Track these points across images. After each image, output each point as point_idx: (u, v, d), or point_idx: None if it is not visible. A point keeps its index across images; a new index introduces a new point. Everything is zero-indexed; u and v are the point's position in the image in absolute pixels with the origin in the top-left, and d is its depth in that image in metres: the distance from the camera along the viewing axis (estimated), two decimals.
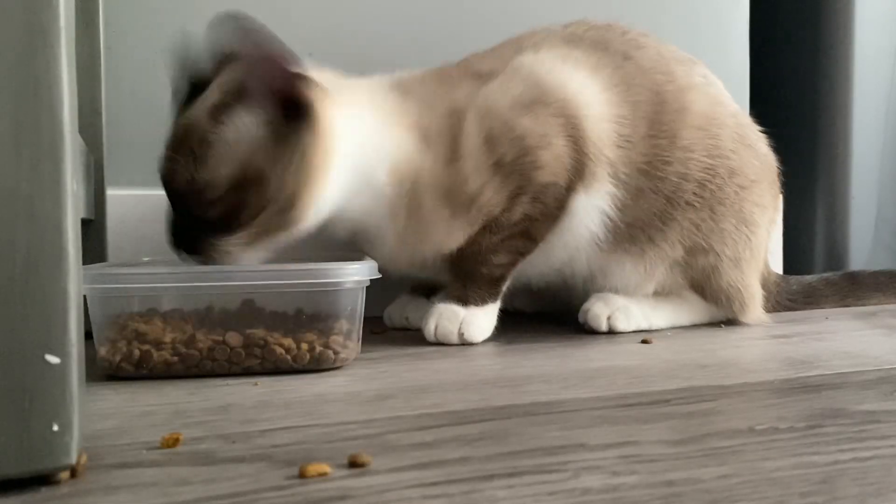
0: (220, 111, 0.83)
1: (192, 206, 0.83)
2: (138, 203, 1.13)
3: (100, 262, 1.02)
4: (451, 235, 0.95)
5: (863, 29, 1.51)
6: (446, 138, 0.94)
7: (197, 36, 0.89)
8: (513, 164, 0.94)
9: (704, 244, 1.02)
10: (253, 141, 0.83)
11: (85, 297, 0.73)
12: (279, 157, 0.83)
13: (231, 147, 0.82)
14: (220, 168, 0.82)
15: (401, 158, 0.92)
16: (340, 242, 0.99)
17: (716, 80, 1.09)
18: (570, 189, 0.96)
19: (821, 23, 1.54)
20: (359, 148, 0.90)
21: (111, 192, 1.08)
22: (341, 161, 0.88)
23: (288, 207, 0.84)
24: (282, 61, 0.83)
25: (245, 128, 0.83)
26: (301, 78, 0.85)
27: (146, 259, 1.02)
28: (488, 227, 0.95)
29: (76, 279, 0.45)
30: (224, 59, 0.87)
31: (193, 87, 0.89)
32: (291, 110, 0.84)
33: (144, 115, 1.14)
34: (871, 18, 1.51)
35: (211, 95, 0.85)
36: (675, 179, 1.00)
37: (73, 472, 0.47)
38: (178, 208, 0.85)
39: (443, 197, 0.93)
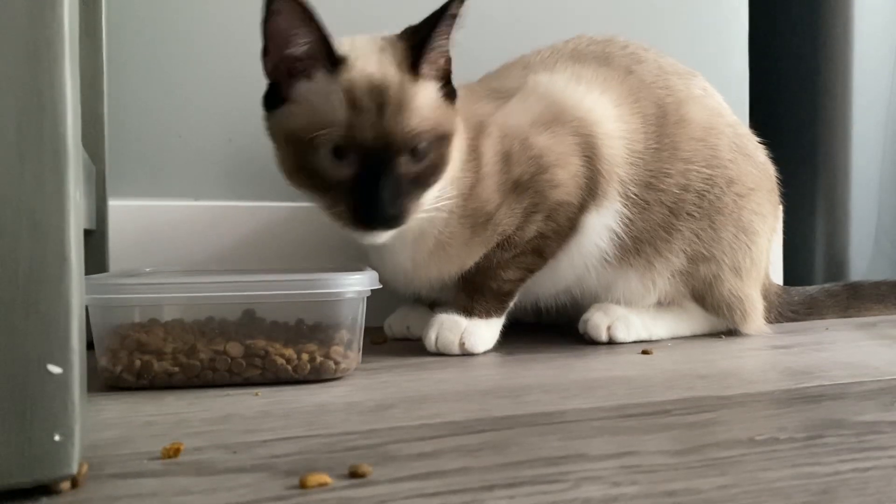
0: (413, 66, 0.86)
1: (399, 157, 0.85)
2: (140, 213, 1.13)
3: (101, 272, 1.02)
4: (470, 255, 0.96)
5: (861, 40, 1.51)
6: (475, 158, 0.95)
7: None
8: (530, 181, 0.95)
9: (705, 252, 1.02)
10: (439, 103, 0.88)
11: (86, 307, 0.73)
12: (453, 127, 0.89)
13: (425, 101, 0.86)
14: (426, 121, 0.85)
15: (445, 187, 0.92)
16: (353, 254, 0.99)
17: (715, 91, 1.10)
18: (582, 208, 0.97)
19: (820, 34, 1.54)
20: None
21: (113, 203, 1.08)
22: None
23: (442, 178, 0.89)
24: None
25: (433, 88, 0.88)
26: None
27: (147, 269, 1.02)
28: (501, 244, 0.96)
29: (78, 289, 0.45)
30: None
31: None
32: (449, 95, 0.90)
33: (146, 126, 1.14)
34: (869, 30, 1.52)
35: (386, 52, 0.87)
36: (677, 191, 1.00)
37: (75, 482, 0.47)
38: (378, 164, 0.84)
39: (466, 219, 0.94)
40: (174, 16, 1.16)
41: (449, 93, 0.89)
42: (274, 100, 0.86)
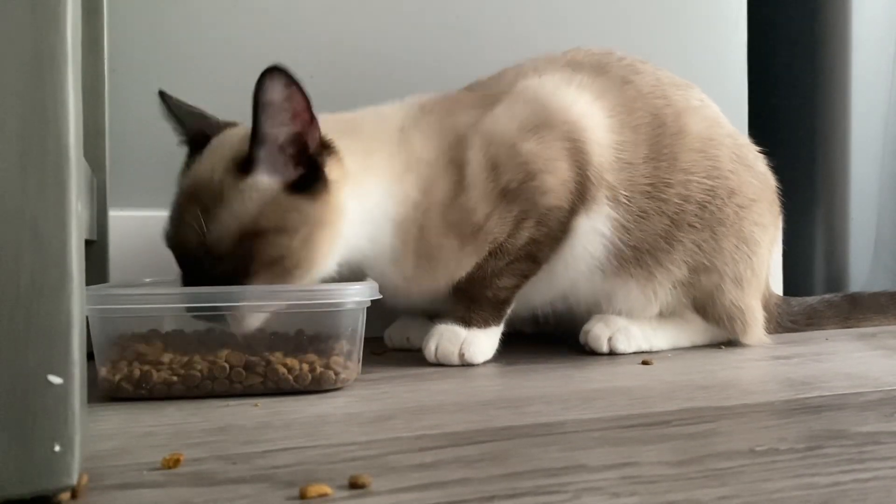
0: (241, 164, 0.82)
1: (201, 264, 0.81)
2: (140, 224, 1.13)
3: (101, 283, 1.03)
4: (460, 265, 0.96)
5: (860, 51, 1.52)
6: (452, 170, 0.95)
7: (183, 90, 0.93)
8: (518, 189, 0.95)
9: (707, 263, 1.02)
10: (267, 200, 0.82)
11: (86, 317, 0.73)
12: (288, 223, 0.82)
13: (245, 202, 0.81)
14: (232, 222, 0.81)
15: (408, 210, 0.92)
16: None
17: (712, 103, 1.10)
18: (572, 212, 0.97)
19: (818, 45, 1.55)
20: (366, 216, 0.90)
21: (113, 214, 1.09)
22: (347, 232, 0.88)
23: (290, 270, 0.83)
24: (318, 128, 0.84)
25: (263, 185, 0.82)
26: (329, 149, 0.86)
27: (148, 280, 1.02)
28: (493, 252, 0.96)
29: (80, 300, 0.45)
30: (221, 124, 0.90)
31: (194, 141, 0.90)
32: (309, 180, 0.84)
33: (147, 137, 1.15)
34: (868, 41, 1.52)
35: (227, 147, 0.85)
36: (678, 201, 1.00)
37: (74, 493, 0.47)
38: (187, 268, 0.84)
39: (451, 230, 0.94)
40: (176, 27, 1.17)
41: (310, 183, 0.84)
42: None
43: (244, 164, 0.82)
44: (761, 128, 1.39)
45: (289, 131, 0.83)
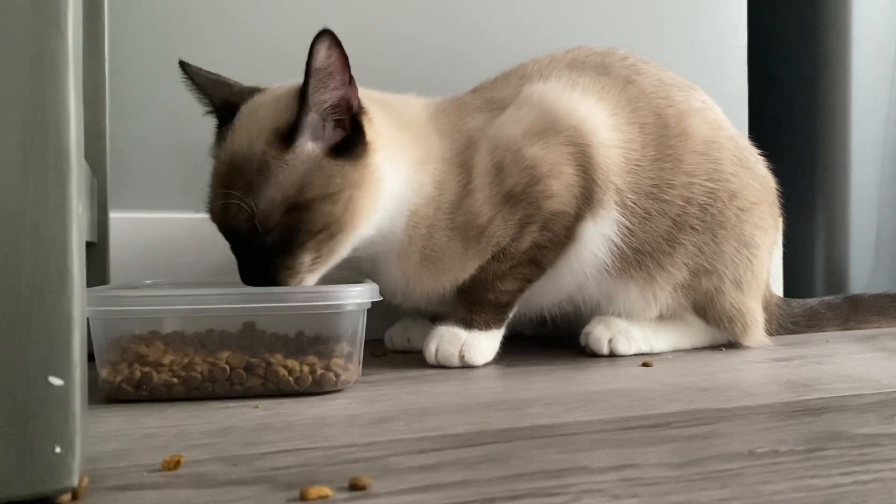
0: (284, 135, 0.83)
1: (251, 239, 0.83)
2: (141, 226, 1.13)
3: (102, 284, 1.03)
4: (464, 268, 0.96)
5: (860, 54, 1.52)
6: (462, 172, 0.95)
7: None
8: (523, 193, 0.95)
9: (707, 266, 1.02)
10: (312, 168, 0.83)
11: (87, 319, 0.73)
12: (332, 189, 0.84)
13: (291, 173, 0.82)
14: (279, 196, 0.82)
15: (420, 203, 0.93)
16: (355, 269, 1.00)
17: (714, 104, 1.10)
18: (578, 217, 0.97)
19: (818, 46, 1.55)
20: (391, 195, 0.91)
21: (114, 215, 1.09)
22: (381, 197, 0.89)
23: (335, 235, 0.85)
24: (356, 89, 0.85)
25: (307, 153, 0.84)
26: (368, 117, 0.88)
27: (148, 282, 1.02)
28: (496, 255, 0.96)
29: (80, 302, 0.45)
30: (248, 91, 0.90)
31: (222, 110, 0.90)
32: (350, 142, 0.86)
33: (148, 139, 1.15)
34: (868, 44, 1.52)
35: (263, 116, 0.85)
36: (680, 203, 1.00)
37: (75, 495, 0.47)
38: (237, 242, 0.85)
39: (456, 232, 0.94)
40: (176, 29, 1.17)
41: (351, 145, 0.86)
42: None
43: (288, 134, 0.83)
44: (761, 129, 1.39)
45: (335, 95, 0.84)
